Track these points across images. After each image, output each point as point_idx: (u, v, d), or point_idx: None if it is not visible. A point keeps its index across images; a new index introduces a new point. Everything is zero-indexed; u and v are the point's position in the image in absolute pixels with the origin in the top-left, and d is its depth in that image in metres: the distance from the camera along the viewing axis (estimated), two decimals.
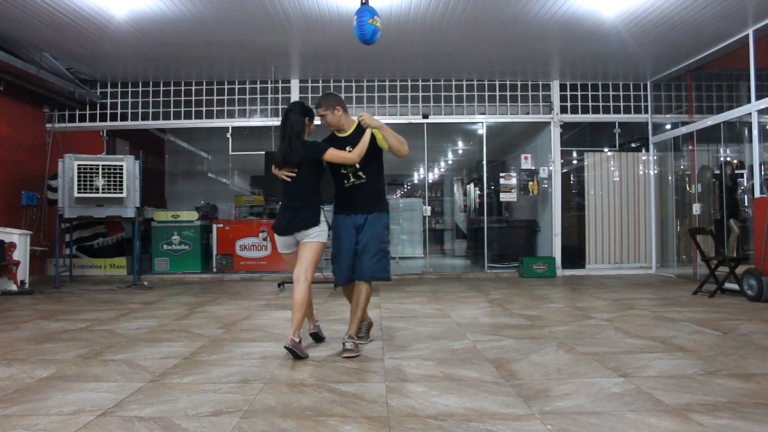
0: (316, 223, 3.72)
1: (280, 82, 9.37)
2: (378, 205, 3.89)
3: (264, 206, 11.15)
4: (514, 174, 9.79)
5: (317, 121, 3.89)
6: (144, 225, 9.43)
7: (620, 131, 9.52)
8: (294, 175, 3.73)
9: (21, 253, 7.34)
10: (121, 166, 7.91)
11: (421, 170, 15.87)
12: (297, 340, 3.54)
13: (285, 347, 3.53)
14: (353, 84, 9.37)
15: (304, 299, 3.61)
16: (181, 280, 9.07)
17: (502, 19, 6.73)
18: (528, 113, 9.53)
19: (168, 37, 7.20)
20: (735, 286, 6.41)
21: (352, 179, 3.84)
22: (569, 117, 9.45)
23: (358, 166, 3.80)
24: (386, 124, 3.85)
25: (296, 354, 3.51)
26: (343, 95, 9.30)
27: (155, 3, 6.19)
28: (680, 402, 2.64)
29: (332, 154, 3.70)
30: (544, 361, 3.45)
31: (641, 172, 9.62)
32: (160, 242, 9.34)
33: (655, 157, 9.49)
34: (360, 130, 3.82)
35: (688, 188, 8.71)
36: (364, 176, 3.83)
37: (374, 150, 3.83)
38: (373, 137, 3.80)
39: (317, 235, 3.73)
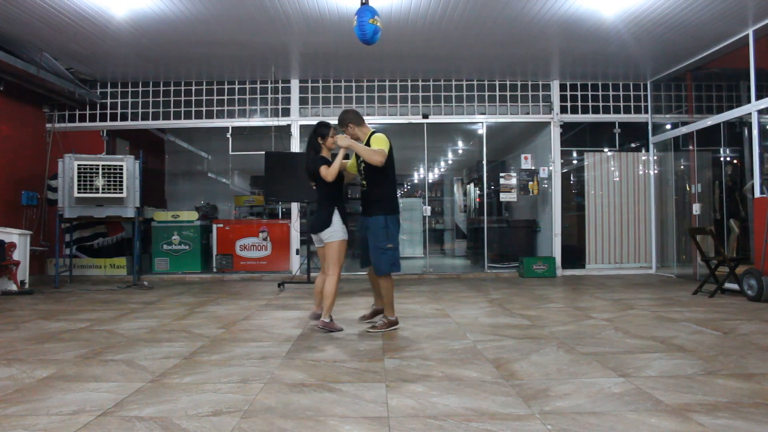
0: (327, 224, 4.30)
1: (280, 82, 9.37)
2: (376, 208, 4.37)
3: (264, 206, 11.15)
4: (514, 174, 9.79)
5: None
6: (144, 225, 9.43)
7: (620, 131, 9.52)
8: (314, 184, 4.49)
9: (21, 253, 7.34)
10: (121, 166, 7.91)
11: (421, 170, 15.86)
12: (327, 320, 4.33)
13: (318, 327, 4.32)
14: (353, 84, 9.37)
15: (331, 289, 4.32)
16: (181, 280, 9.07)
17: (502, 19, 6.73)
18: (528, 113, 9.53)
19: (168, 37, 7.20)
20: (735, 286, 6.41)
21: (361, 185, 4.48)
22: (569, 117, 9.45)
23: (363, 173, 4.40)
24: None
25: (329, 330, 4.32)
26: (342, 95, 9.31)
27: (155, 3, 6.19)
28: (680, 402, 2.64)
29: (321, 171, 4.31)
30: (544, 361, 3.45)
31: (641, 172, 9.62)
32: (160, 242, 9.34)
33: (655, 157, 9.49)
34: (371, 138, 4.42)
35: (688, 188, 8.71)
36: (365, 183, 4.41)
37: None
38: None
39: (330, 236, 4.32)
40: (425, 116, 9.38)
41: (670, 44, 7.49)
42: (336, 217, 4.30)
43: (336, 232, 4.30)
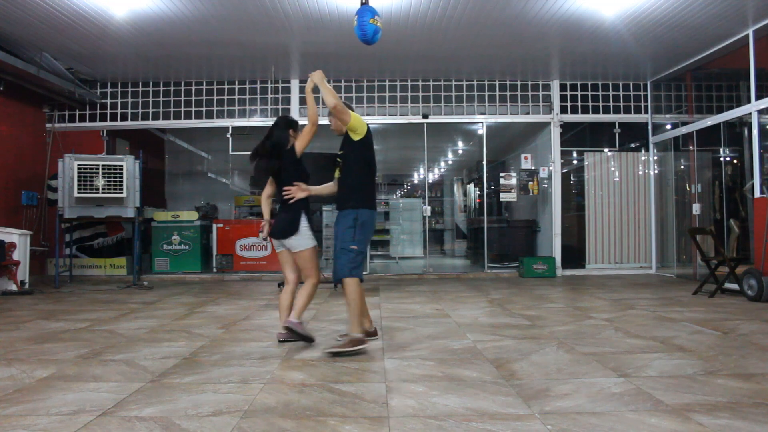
0: (294, 230, 3.98)
1: (280, 82, 9.37)
2: (348, 199, 3.84)
3: None
4: (514, 174, 9.79)
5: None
6: (144, 225, 9.43)
7: (620, 131, 9.52)
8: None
9: (21, 253, 7.34)
10: (121, 166, 7.91)
11: (421, 170, 15.87)
12: (297, 321, 3.86)
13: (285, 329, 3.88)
14: (353, 84, 9.37)
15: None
16: (181, 280, 9.07)
17: (502, 19, 6.73)
18: (528, 113, 9.53)
19: (168, 37, 7.20)
20: (735, 286, 6.41)
21: (337, 177, 3.99)
22: (569, 117, 9.45)
23: (340, 162, 3.93)
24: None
25: (299, 335, 3.85)
26: (342, 95, 9.31)
27: (155, 3, 6.19)
28: (680, 402, 2.63)
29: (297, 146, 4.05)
30: (544, 361, 3.45)
31: (641, 172, 9.62)
32: (160, 242, 9.34)
33: (655, 157, 9.49)
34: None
35: (688, 188, 8.72)
36: (340, 171, 3.94)
37: (348, 144, 3.88)
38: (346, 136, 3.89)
39: (298, 245, 3.99)
40: (425, 116, 9.37)
41: (670, 44, 7.49)
42: (304, 223, 3.92)
43: (305, 239, 3.92)
